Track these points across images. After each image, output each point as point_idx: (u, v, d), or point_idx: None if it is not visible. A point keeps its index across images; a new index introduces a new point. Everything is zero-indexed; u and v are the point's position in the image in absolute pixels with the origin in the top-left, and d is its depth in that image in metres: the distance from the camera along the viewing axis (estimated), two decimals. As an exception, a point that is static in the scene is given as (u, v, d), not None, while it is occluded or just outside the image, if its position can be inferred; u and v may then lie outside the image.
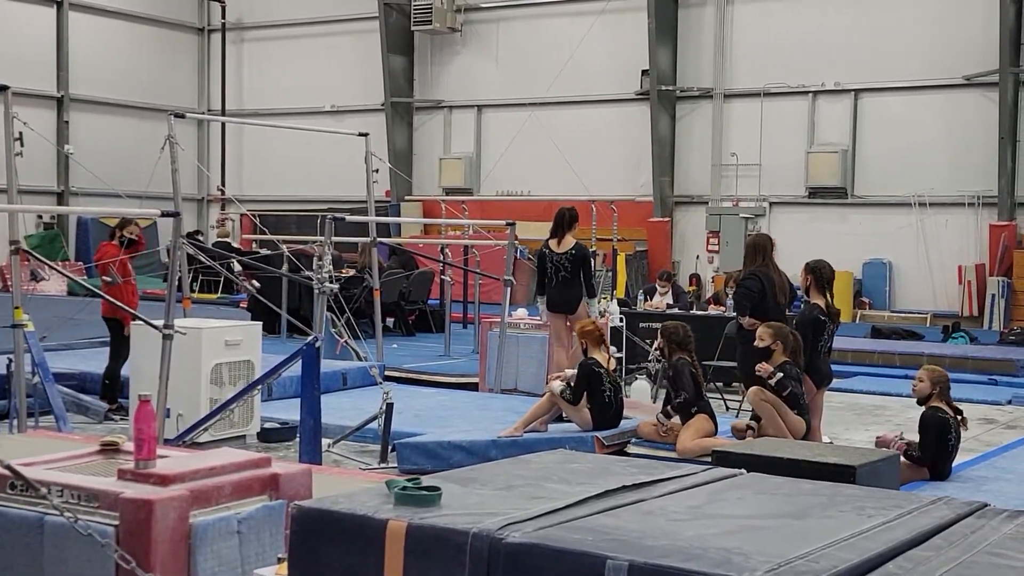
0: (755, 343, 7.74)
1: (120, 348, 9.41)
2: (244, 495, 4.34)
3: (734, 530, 2.92)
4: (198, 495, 4.13)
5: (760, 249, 8.70)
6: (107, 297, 8.93)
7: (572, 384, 7.87)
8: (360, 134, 12.57)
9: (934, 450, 7.13)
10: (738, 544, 2.75)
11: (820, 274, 8.08)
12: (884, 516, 3.11)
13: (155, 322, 7.84)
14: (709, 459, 6.50)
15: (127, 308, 8.66)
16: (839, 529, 2.95)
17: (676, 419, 7.97)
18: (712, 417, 7.99)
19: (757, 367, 7.60)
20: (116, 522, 3.99)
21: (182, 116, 10.59)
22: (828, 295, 8.13)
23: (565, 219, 10.23)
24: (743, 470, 3.78)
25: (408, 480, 3.20)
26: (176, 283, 7.86)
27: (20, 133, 8.10)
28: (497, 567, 2.76)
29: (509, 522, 2.86)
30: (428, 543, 2.84)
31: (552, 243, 10.20)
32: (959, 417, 7.35)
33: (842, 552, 2.74)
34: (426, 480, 3.25)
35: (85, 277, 10.00)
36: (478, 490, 3.25)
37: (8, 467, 4.13)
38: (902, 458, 7.01)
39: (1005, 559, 2.82)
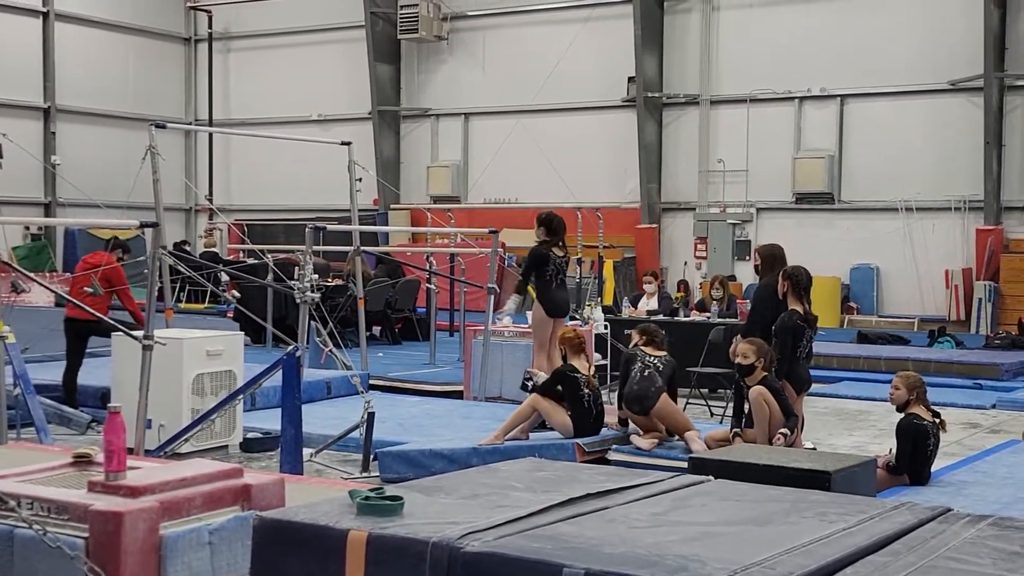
0: (738, 360, 7.76)
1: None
2: (215, 506, 4.33)
3: (694, 537, 2.93)
4: (168, 506, 4.13)
5: (778, 259, 8.69)
6: (76, 302, 8.91)
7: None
8: (343, 143, 12.55)
9: (911, 457, 7.15)
10: (696, 551, 2.77)
11: (797, 280, 8.09)
12: (846, 522, 3.13)
13: (135, 333, 7.84)
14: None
15: (103, 317, 8.64)
16: (799, 535, 2.96)
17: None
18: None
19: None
20: (86, 534, 3.98)
21: (163, 126, 10.58)
22: (806, 301, 8.15)
23: (562, 225, 10.23)
24: (711, 476, 3.80)
25: (372, 490, 3.21)
26: (156, 293, 7.84)
27: (0, 144, 8.11)
28: (456, 576, 2.77)
29: (469, 531, 2.87)
30: (388, 553, 2.86)
31: (556, 249, 10.16)
32: (937, 420, 7.37)
33: (799, 558, 2.76)
34: (391, 490, 3.26)
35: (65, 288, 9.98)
36: (442, 499, 3.26)
37: (-23, 480, 4.13)
38: (881, 470, 7.04)
39: (963, 564, 2.84)
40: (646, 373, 7.96)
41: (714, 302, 12.45)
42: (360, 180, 12.44)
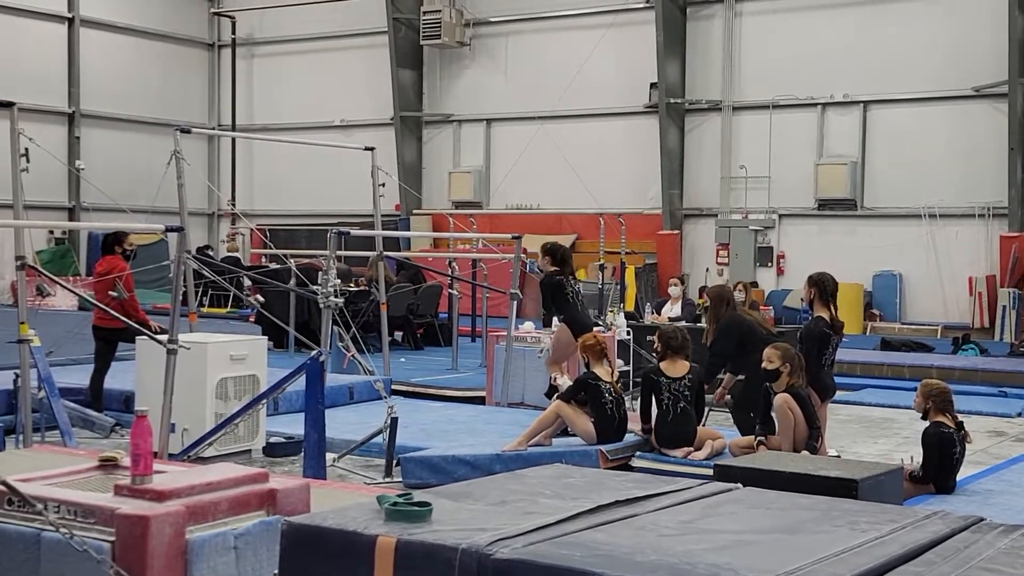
0: (763, 364, 7.70)
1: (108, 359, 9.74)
2: (241, 510, 4.32)
3: (725, 545, 2.91)
4: (194, 510, 4.13)
5: (726, 303, 8.84)
6: (111, 312, 8.92)
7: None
8: (366, 148, 12.58)
9: (937, 466, 7.09)
10: (728, 560, 2.74)
11: (823, 287, 8.05)
12: (878, 531, 3.10)
13: (159, 337, 7.86)
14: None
15: (131, 323, 8.66)
16: (831, 544, 2.94)
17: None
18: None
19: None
20: (112, 538, 3.98)
21: (188, 131, 10.63)
22: (832, 307, 8.10)
23: (568, 255, 10.42)
24: (739, 484, 3.77)
25: (400, 495, 3.20)
26: (181, 297, 7.86)
27: (26, 149, 8.13)
28: (486, 583, 2.75)
29: (499, 538, 2.85)
30: (417, 559, 2.84)
31: (571, 276, 10.30)
32: (963, 432, 7.30)
33: (832, 567, 2.73)
34: (419, 495, 3.25)
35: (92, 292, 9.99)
36: (470, 505, 3.25)
37: (5, 483, 4.13)
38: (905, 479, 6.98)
39: (998, 574, 2.80)
40: (679, 409, 7.84)
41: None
42: (383, 185, 12.47)
